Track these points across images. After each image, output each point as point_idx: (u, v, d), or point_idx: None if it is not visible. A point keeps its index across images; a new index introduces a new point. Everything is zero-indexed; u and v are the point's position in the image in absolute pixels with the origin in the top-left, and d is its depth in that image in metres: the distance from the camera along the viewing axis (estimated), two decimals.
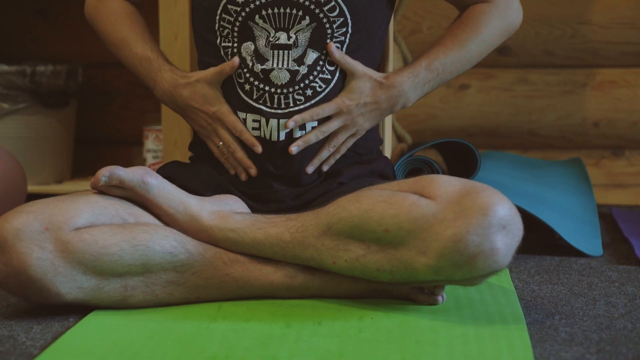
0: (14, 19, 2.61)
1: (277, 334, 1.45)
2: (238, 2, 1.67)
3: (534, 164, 2.41)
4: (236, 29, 1.69)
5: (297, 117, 1.68)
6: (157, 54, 1.77)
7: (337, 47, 1.68)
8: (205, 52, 1.75)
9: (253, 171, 1.71)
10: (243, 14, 1.68)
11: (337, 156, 1.73)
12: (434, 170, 2.04)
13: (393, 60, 2.00)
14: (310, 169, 1.70)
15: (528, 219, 1.94)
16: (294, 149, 1.67)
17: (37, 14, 2.61)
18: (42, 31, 2.61)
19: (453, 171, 2.21)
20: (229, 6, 1.68)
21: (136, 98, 2.62)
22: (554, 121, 2.57)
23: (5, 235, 1.48)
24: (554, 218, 2.01)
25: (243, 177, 1.72)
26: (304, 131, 1.69)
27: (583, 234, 2.04)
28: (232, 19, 1.68)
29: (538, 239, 2.03)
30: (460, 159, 2.15)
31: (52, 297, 1.51)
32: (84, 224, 1.53)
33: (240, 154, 1.70)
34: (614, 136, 2.56)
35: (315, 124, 1.70)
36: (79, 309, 1.55)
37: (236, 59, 1.68)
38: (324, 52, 1.69)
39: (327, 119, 1.70)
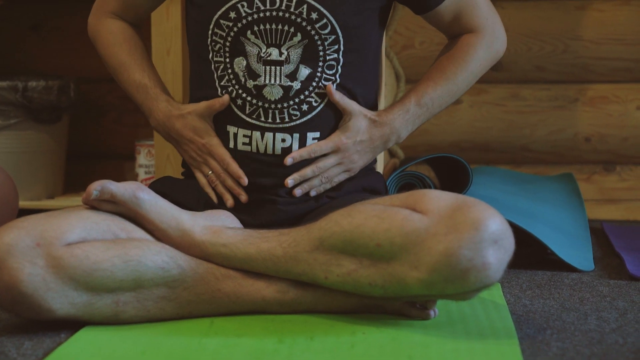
0: (6, 33, 2.62)
1: (269, 350, 1.45)
2: (230, 17, 1.68)
3: (526, 179, 2.42)
4: (228, 44, 1.69)
5: (295, 154, 1.69)
6: (154, 82, 1.77)
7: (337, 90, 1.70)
8: (198, 67, 1.76)
9: (243, 197, 1.71)
10: (235, 29, 1.68)
11: (328, 186, 1.73)
12: (426, 185, 2.05)
13: (385, 75, 2.01)
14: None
15: (520, 234, 1.94)
16: (289, 181, 1.69)
17: (30, 29, 2.62)
18: (35, 46, 2.62)
19: (445, 186, 2.22)
20: (221, 21, 1.68)
21: (129, 112, 2.62)
22: (545, 136, 2.58)
23: None
24: (546, 233, 2.02)
25: (229, 203, 1.72)
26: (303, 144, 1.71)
27: (574, 249, 2.04)
28: (224, 34, 1.69)
29: (530, 253, 2.03)
30: (453, 174, 2.15)
31: (44, 313, 1.51)
32: (76, 240, 1.53)
33: (230, 182, 1.71)
34: (605, 151, 2.57)
35: (316, 135, 1.71)
36: (71, 325, 1.55)
37: (226, 97, 1.70)
38: (318, 68, 1.69)
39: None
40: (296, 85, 1.69)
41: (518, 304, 1.73)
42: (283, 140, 1.69)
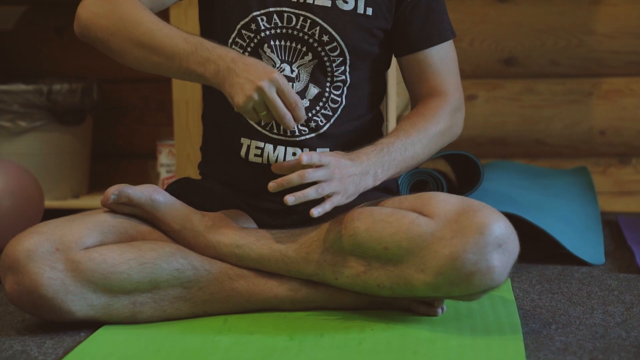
0: (31, 36, 2.67)
1: (279, 347, 1.50)
2: (252, 28, 1.70)
3: (540, 173, 2.44)
4: (247, 54, 1.71)
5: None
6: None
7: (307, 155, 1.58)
8: None
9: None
10: (255, 40, 1.70)
11: (328, 207, 1.56)
12: (438, 184, 2.08)
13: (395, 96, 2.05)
14: (290, 200, 1.54)
15: (531, 228, 1.97)
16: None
17: (53, 31, 2.67)
18: (58, 48, 2.66)
19: (461, 181, 2.25)
20: (243, 31, 1.71)
21: (150, 112, 2.67)
22: (560, 130, 2.60)
23: (17, 256, 1.53)
24: (557, 227, 2.04)
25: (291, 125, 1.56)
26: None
27: (585, 243, 2.06)
28: (244, 44, 1.71)
29: (542, 248, 2.05)
30: (468, 169, 2.18)
31: (64, 315, 1.56)
32: (93, 243, 1.58)
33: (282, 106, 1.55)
34: (621, 144, 2.59)
35: (326, 150, 1.69)
36: (90, 324, 1.60)
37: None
38: (326, 88, 1.71)
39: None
40: (305, 102, 1.71)
41: (526, 298, 1.76)
42: (294, 154, 1.70)
